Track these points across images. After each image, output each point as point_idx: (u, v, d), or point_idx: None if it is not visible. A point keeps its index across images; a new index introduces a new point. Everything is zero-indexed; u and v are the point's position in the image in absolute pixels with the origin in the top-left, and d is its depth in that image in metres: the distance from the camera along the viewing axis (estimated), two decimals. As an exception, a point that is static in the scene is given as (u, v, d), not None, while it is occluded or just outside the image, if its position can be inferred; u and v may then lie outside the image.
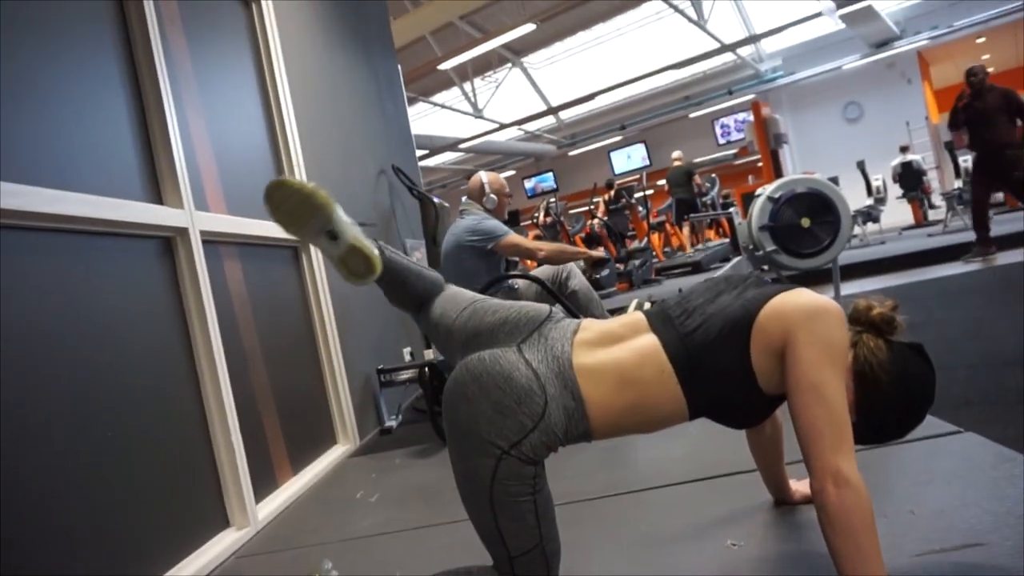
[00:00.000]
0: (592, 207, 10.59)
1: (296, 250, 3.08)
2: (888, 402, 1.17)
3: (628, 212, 9.97)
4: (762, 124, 13.40)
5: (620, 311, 1.39)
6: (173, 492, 1.93)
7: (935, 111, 14.07)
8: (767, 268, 4.60)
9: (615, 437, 1.25)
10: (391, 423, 3.47)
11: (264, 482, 2.41)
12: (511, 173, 18.31)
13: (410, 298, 1.46)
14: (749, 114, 14.24)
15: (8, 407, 1.44)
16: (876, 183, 10.74)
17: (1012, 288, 4.46)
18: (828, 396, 1.07)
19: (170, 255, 2.13)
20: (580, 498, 1.86)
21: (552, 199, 10.38)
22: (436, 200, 4.59)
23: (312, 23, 3.79)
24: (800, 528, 1.44)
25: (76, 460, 1.61)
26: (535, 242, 3.19)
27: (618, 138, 16.85)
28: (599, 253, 3.30)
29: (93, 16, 1.96)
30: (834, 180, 5.78)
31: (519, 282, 3.08)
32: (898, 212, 11.97)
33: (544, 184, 15.93)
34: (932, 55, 14.38)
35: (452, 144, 14.70)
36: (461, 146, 15.00)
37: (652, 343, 1.19)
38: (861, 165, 10.99)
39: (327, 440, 3.06)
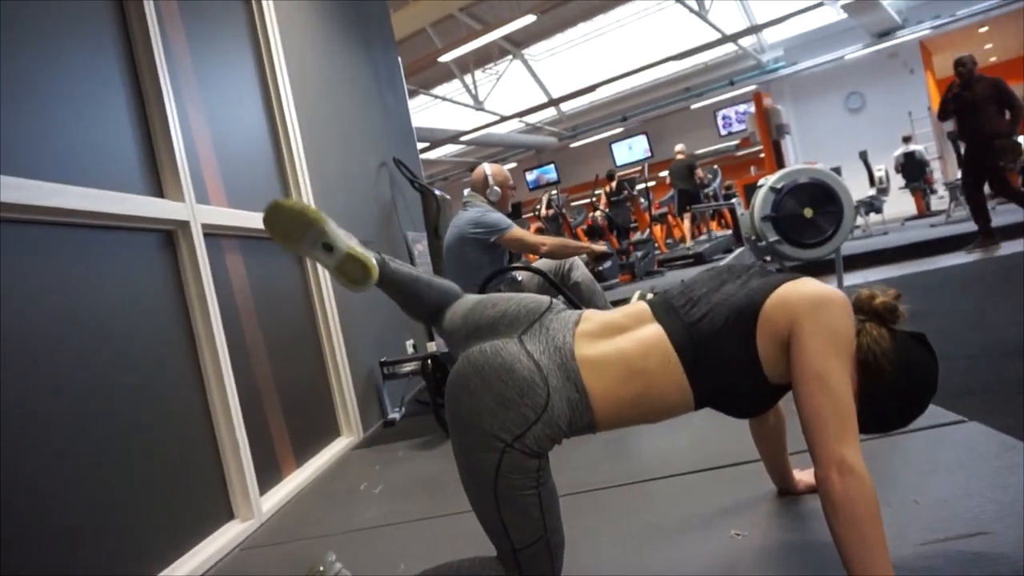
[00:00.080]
0: (594, 199, 10.57)
1: (298, 243, 3.07)
2: (891, 391, 1.16)
3: (630, 204, 9.96)
4: (764, 115, 13.35)
5: (623, 303, 1.38)
6: (177, 485, 1.94)
7: (938, 101, 13.99)
8: (770, 259, 4.59)
9: (620, 428, 1.25)
10: (394, 415, 3.47)
11: (268, 474, 2.42)
12: (512, 165, 18.28)
13: (425, 308, 1.47)
14: (750, 105, 14.19)
15: (11, 403, 1.45)
16: (879, 173, 10.71)
17: (1014, 278, 4.45)
18: (833, 385, 1.06)
19: (172, 248, 2.13)
20: (584, 489, 1.86)
21: (554, 191, 10.35)
22: (438, 192, 4.58)
23: (312, 16, 3.77)
24: (804, 518, 1.44)
25: (80, 454, 1.61)
26: (538, 236, 3.18)
27: (619, 130, 16.81)
28: (601, 247, 3.28)
29: (93, 11, 1.96)
30: (836, 171, 5.75)
31: (522, 274, 3.08)
32: (901, 203, 11.94)
33: (547, 176, 15.91)
34: (934, 45, 14.31)
35: (453, 136, 14.67)
36: (462, 139, 14.97)
37: (657, 333, 1.18)
38: (863, 155, 10.96)
39: (331, 432, 3.07)
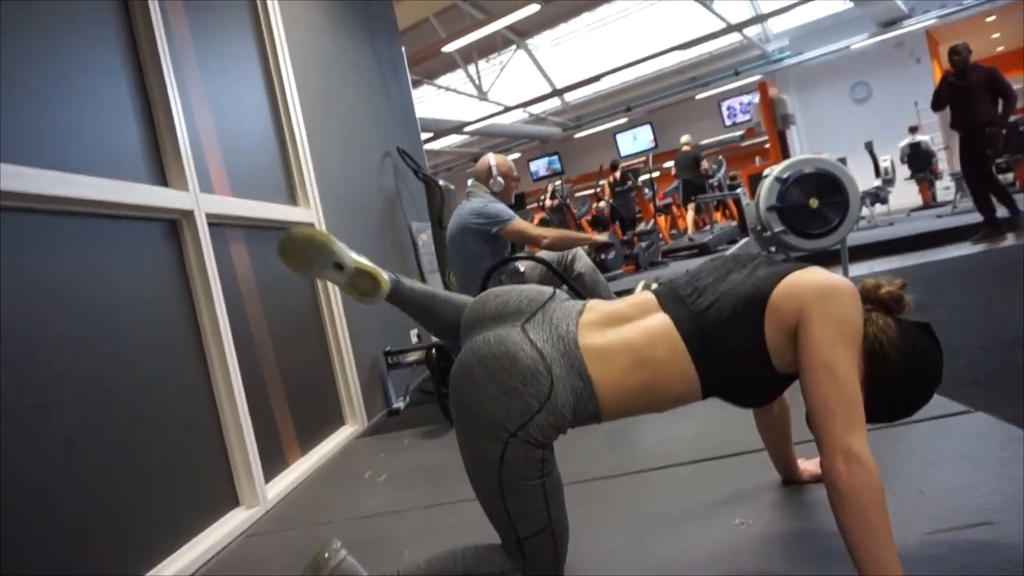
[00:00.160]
0: (598, 190, 10.55)
1: (302, 233, 3.07)
2: (897, 380, 1.16)
3: (634, 194, 9.93)
4: (769, 105, 13.29)
5: (627, 293, 1.38)
6: (183, 472, 1.95)
7: (945, 92, 13.89)
8: (775, 249, 4.58)
9: (626, 417, 1.25)
10: (399, 404, 3.48)
11: (273, 462, 2.43)
12: (516, 156, 18.23)
13: (444, 324, 1.48)
14: (755, 95, 14.11)
15: (14, 394, 1.45)
16: (884, 164, 10.65)
17: (1020, 269, 4.43)
18: (840, 375, 1.06)
19: (176, 238, 2.13)
20: (588, 478, 1.87)
21: (558, 182, 10.33)
22: (441, 183, 4.57)
23: (315, 5, 3.76)
24: (808, 507, 1.44)
25: (86, 443, 1.62)
26: (540, 228, 3.17)
27: (624, 120, 16.74)
28: (603, 237, 3.27)
29: (95, 0, 1.95)
30: (842, 161, 5.72)
31: (525, 266, 3.07)
32: (906, 193, 11.88)
33: (553, 166, 15.86)
34: (941, 34, 14.18)
35: (457, 127, 14.62)
36: (466, 129, 14.92)
37: (664, 322, 1.18)
38: (869, 146, 10.90)
39: (335, 421, 3.07)
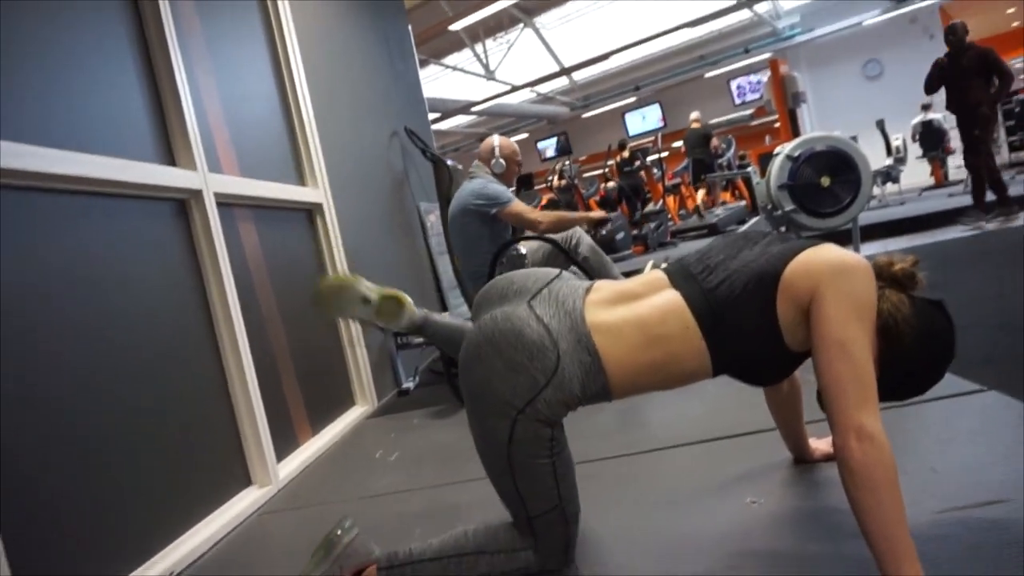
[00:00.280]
0: (606, 170, 10.48)
1: (311, 212, 3.07)
2: (911, 357, 1.15)
3: (643, 174, 9.86)
4: (780, 83, 13.12)
5: (636, 274, 1.37)
6: (196, 452, 1.96)
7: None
8: (785, 228, 4.54)
9: (636, 395, 1.24)
10: (408, 385, 3.49)
11: (285, 442, 2.44)
12: (524, 136, 18.12)
13: None
14: (764, 74, 13.94)
15: (29, 372, 1.46)
16: (896, 143, 10.52)
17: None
18: (854, 352, 1.05)
19: (185, 217, 2.13)
20: (599, 457, 1.87)
21: (566, 162, 10.26)
22: (450, 162, 4.55)
23: (322, -18, 3.72)
24: (819, 485, 1.44)
25: (99, 424, 1.63)
26: (537, 212, 3.15)
27: (632, 99, 16.59)
28: (599, 213, 3.26)
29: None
30: (853, 140, 5.66)
31: (526, 250, 3.07)
32: (918, 172, 11.75)
33: (559, 148, 15.79)
34: (954, 9, 13.91)
35: (464, 107, 14.52)
36: (473, 109, 14.81)
37: (675, 299, 1.17)
38: (880, 124, 10.75)
39: (345, 401, 3.09)
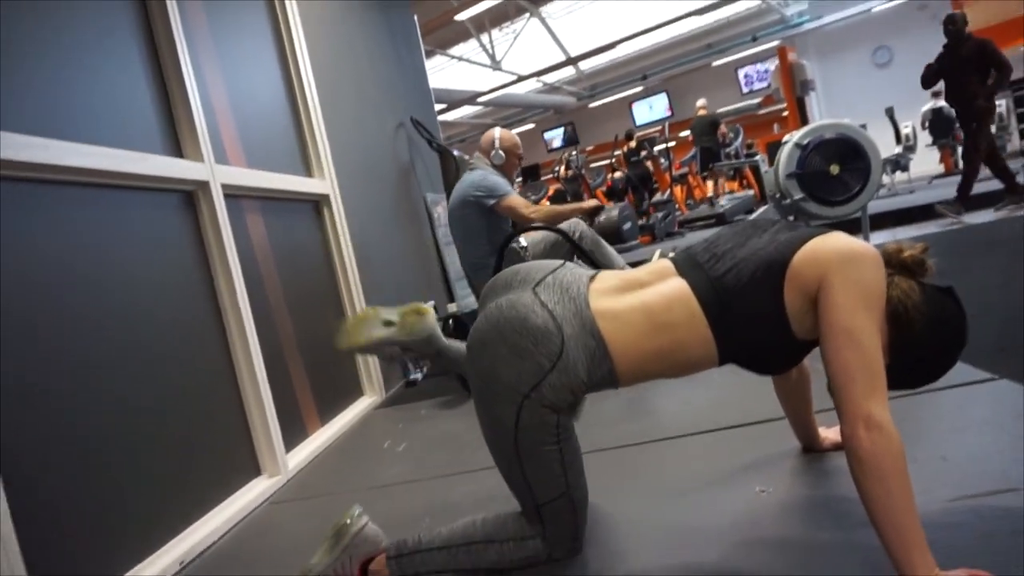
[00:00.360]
0: (613, 160, 10.44)
1: (317, 204, 3.07)
2: (922, 344, 1.14)
3: (650, 164, 9.82)
4: (788, 71, 13.02)
5: (643, 264, 1.37)
6: (206, 442, 1.97)
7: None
8: (794, 218, 4.52)
9: (642, 382, 1.25)
10: (416, 375, 3.50)
11: (293, 432, 2.45)
12: (531, 126, 18.06)
13: None
14: (772, 62, 13.84)
15: (39, 363, 1.47)
16: (905, 130, 10.43)
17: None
18: (862, 341, 1.04)
19: (192, 209, 2.13)
20: (608, 447, 1.86)
21: (573, 152, 10.23)
22: (456, 153, 4.54)
23: (327, -29, 3.71)
24: (829, 474, 1.44)
25: (110, 414, 1.64)
26: (531, 207, 3.14)
27: (639, 89, 16.50)
28: (591, 202, 3.24)
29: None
30: (862, 128, 5.62)
31: (527, 242, 3.07)
32: (928, 160, 11.65)
33: (565, 138, 15.74)
34: (966, -5, 13.80)
35: (470, 97, 14.48)
36: (479, 99, 14.78)
37: (681, 286, 1.17)
38: (890, 112, 10.65)
39: (354, 392, 3.10)
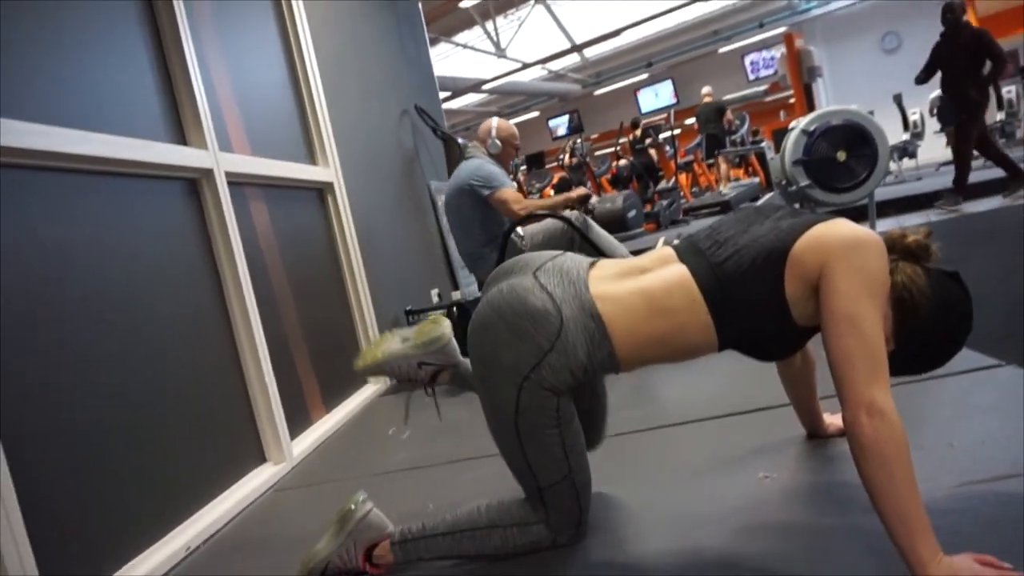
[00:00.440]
0: (618, 148, 10.39)
1: (321, 191, 3.06)
2: (927, 329, 1.14)
3: (654, 152, 9.77)
4: (795, 57, 12.90)
5: (647, 251, 1.36)
6: (211, 430, 1.98)
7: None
8: (800, 205, 4.49)
9: (643, 366, 1.25)
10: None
11: (298, 420, 2.46)
12: (535, 114, 17.99)
13: None
14: (779, 49, 13.71)
15: (44, 352, 1.47)
16: (913, 117, 10.35)
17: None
18: (864, 327, 1.03)
19: (196, 196, 2.13)
20: (611, 433, 1.85)
21: (578, 140, 10.19)
22: (461, 140, 4.52)
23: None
24: (833, 460, 1.43)
25: (116, 401, 1.64)
26: (521, 201, 3.12)
27: (644, 76, 16.41)
28: (580, 190, 3.19)
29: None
30: (870, 115, 5.59)
31: (524, 233, 3.07)
32: (936, 147, 11.55)
33: (570, 126, 15.66)
34: (976, -20, 13.65)
35: (475, 85, 14.43)
36: (484, 87, 14.73)
37: (681, 272, 1.17)
38: (898, 99, 10.57)
39: (358, 379, 3.10)
